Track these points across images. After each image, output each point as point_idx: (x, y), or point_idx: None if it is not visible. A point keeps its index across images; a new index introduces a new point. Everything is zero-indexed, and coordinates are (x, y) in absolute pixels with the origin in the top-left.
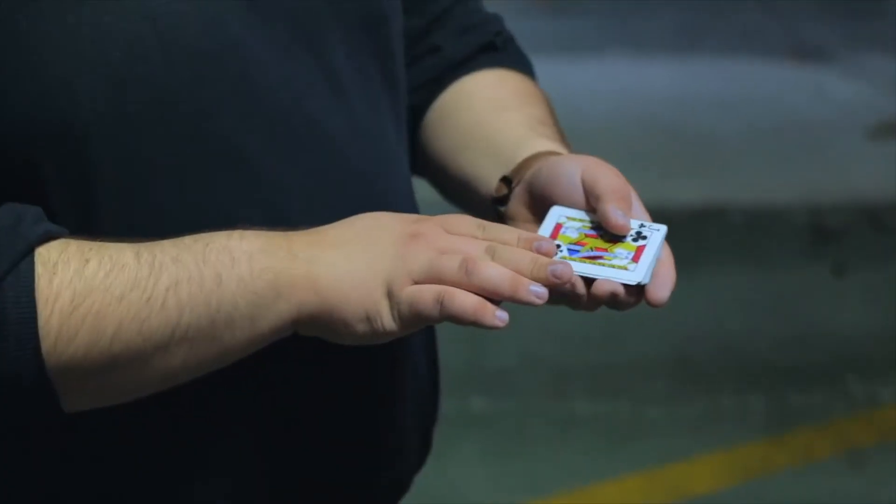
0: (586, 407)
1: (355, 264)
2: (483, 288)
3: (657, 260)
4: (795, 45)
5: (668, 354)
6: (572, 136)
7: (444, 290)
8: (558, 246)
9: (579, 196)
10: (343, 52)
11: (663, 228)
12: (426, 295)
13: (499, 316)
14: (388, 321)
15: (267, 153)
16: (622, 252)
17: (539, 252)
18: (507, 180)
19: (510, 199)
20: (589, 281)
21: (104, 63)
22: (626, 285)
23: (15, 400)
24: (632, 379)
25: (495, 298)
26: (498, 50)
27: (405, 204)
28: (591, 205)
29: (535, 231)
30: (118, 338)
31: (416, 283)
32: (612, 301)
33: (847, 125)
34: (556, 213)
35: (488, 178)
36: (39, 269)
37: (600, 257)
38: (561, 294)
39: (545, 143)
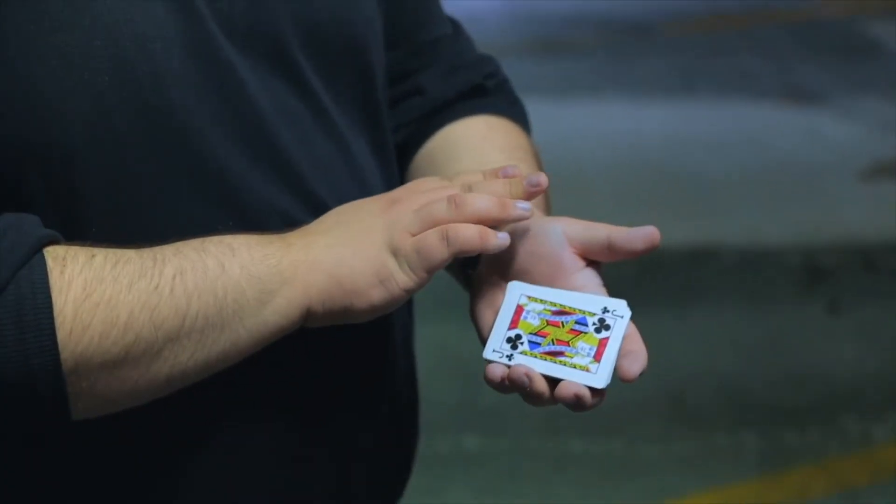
0: (580, 445)
1: (350, 239)
2: (476, 215)
3: (625, 337)
4: (789, 87)
5: (662, 393)
6: (567, 177)
7: (446, 227)
8: (519, 336)
9: (562, 254)
10: (326, 83)
11: (627, 315)
12: (430, 238)
13: (500, 237)
14: (401, 278)
15: (254, 178)
16: (584, 347)
17: (507, 177)
18: None
19: (479, 262)
20: (551, 378)
21: (92, 85)
22: (589, 387)
23: (26, 404)
24: (625, 417)
25: (489, 223)
26: (488, 93)
27: None
28: (587, 256)
29: (498, 312)
30: (130, 326)
31: (414, 234)
32: (576, 403)
33: (840, 167)
34: (516, 292)
35: None
36: (50, 262)
37: (562, 353)
38: (521, 391)
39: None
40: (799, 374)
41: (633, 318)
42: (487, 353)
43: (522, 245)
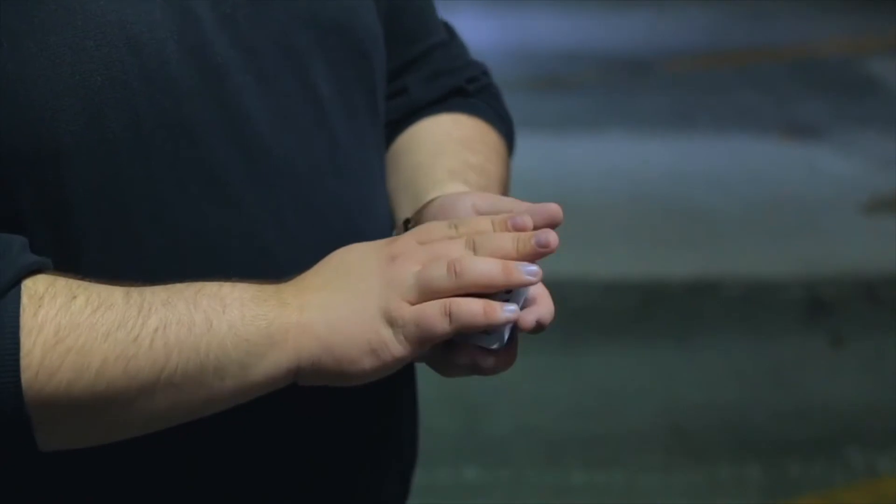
0: (581, 477)
1: (345, 302)
2: (477, 284)
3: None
4: (788, 123)
5: (664, 425)
6: (568, 210)
7: (449, 301)
8: None
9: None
10: (329, 85)
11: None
12: (431, 311)
13: (507, 310)
14: (395, 347)
15: (247, 180)
16: None
17: (517, 229)
18: (407, 222)
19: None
20: (451, 343)
21: (84, 87)
22: (483, 348)
23: None
24: (627, 449)
25: (491, 290)
26: (467, 95)
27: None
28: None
29: None
30: (102, 375)
31: (413, 303)
32: (475, 369)
33: (840, 200)
34: None
35: (401, 221)
36: (25, 300)
37: None
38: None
39: (459, 186)
40: (802, 405)
41: (634, 350)
42: None
43: (436, 217)
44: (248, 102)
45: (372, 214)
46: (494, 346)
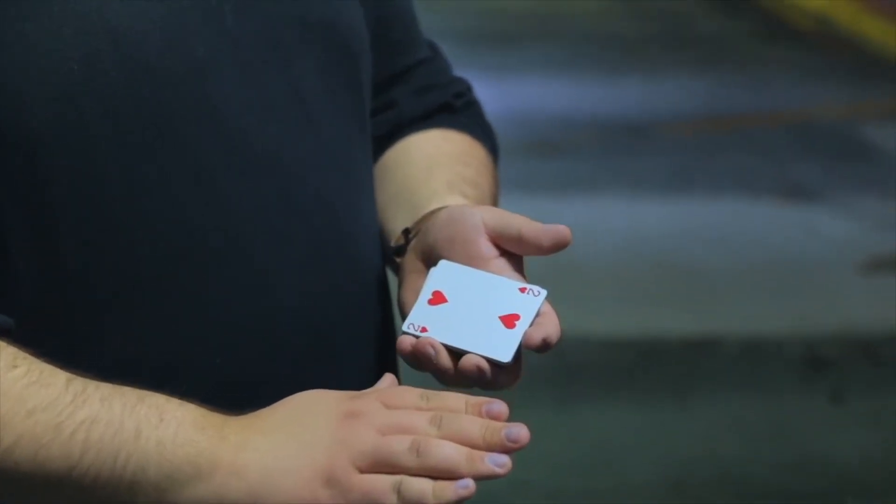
0: None
1: (289, 452)
2: (438, 469)
3: (541, 314)
4: (785, 185)
5: (663, 480)
6: (568, 270)
7: (401, 480)
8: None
9: (478, 240)
10: (315, 82)
11: (542, 294)
12: (382, 486)
13: (460, 485)
14: None
15: (228, 172)
16: None
17: (490, 416)
18: (406, 231)
19: (406, 251)
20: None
21: (60, 74)
22: (490, 361)
23: None
24: (627, 503)
25: (452, 478)
26: (455, 111)
27: (369, 243)
28: (500, 245)
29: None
30: (10, 454)
31: (363, 470)
32: (479, 377)
33: (838, 261)
34: (441, 271)
35: (398, 232)
36: None
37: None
38: (427, 364)
39: (458, 199)
40: (802, 461)
41: (632, 405)
42: (405, 327)
43: (443, 231)
44: (231, 95)
45: (356, 213)
46: (501, 360)
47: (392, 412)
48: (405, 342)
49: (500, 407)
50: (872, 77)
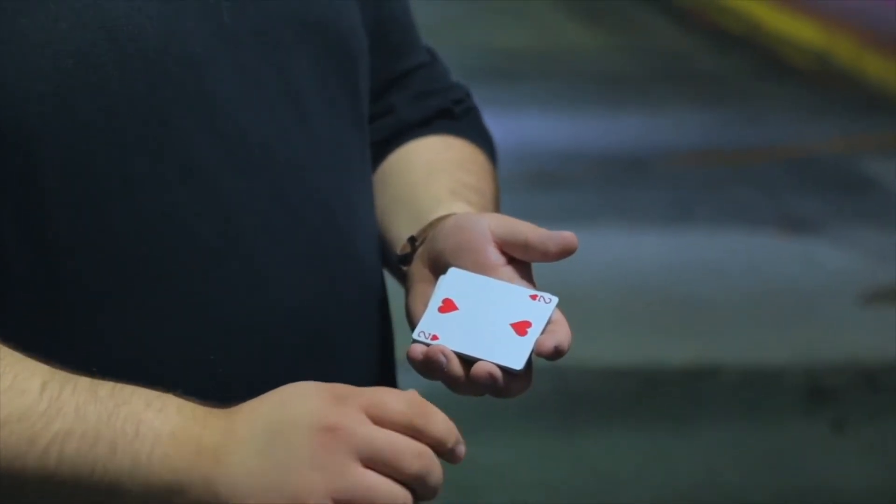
0: None
1: (261, 467)
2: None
3: (552, 322)
4: (784, 218)
5: None
6: (568, 301)
7: None
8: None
9: (486, 248)
10: (311, 81)
11: (553, 302)
12: None
13: None
14: None
15: (223, 169)
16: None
17: (452, 459)
18: (412, 240)
19: (413, 259)
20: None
21: (55, 69)
22: (503, 368)
23: None
24: None
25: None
26: (454, 117)
27: (366, 243)
28: (507, 252)
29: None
30: None
31: (336, 501)
32: (491, 384)
33: (838, 292)
34: (451, 278)
35: (402, 239)
36: None
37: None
38: (439, 372)
39: (463, 206)
40: (803, 491)
41: (632, 434)
42: (415, 335)
43: (450, 239)
44: (227, 92)
45: (353, 212)
46: (514, 368)
47: (374, 435)
48: (416, 350)
49: (461, 453)
50: (871, 112)
